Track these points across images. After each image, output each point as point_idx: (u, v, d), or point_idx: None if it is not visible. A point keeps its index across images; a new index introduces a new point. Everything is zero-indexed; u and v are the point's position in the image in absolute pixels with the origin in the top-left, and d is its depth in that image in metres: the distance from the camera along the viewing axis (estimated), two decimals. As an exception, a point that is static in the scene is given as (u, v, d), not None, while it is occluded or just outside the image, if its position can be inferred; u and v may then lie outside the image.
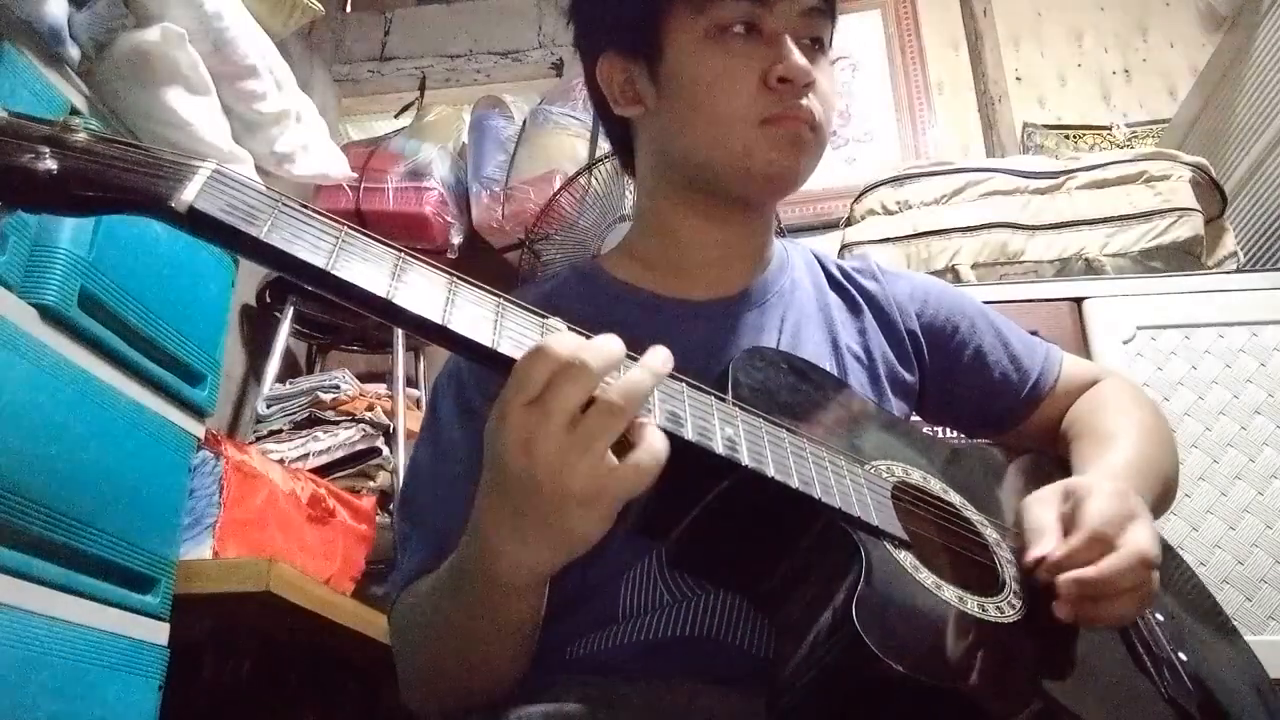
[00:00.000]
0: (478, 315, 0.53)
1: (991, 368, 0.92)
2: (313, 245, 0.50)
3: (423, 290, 0.52)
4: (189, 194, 0.47)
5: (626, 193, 2.11)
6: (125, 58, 1.46)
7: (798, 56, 0.79)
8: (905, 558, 0.63)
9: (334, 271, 0.50)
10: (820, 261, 0.95)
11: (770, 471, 0.59)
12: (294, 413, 1.98)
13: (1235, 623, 1.22)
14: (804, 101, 0.79)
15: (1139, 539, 0.65)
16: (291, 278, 0.50)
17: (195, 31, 1.55)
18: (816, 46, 0.83)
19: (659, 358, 0.56)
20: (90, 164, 0.46)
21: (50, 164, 0.45)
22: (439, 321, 0.52)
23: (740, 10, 0.79)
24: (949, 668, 0.57)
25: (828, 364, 0.83)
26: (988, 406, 0.93)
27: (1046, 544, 0.66)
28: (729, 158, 0.80)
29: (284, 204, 0.50)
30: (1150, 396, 0.97)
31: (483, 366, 0.54)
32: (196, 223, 0.48)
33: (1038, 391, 0.93)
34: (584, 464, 0.52)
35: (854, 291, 0.92)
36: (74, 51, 1.39)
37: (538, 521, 0.55)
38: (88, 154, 0.47)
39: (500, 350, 0.53)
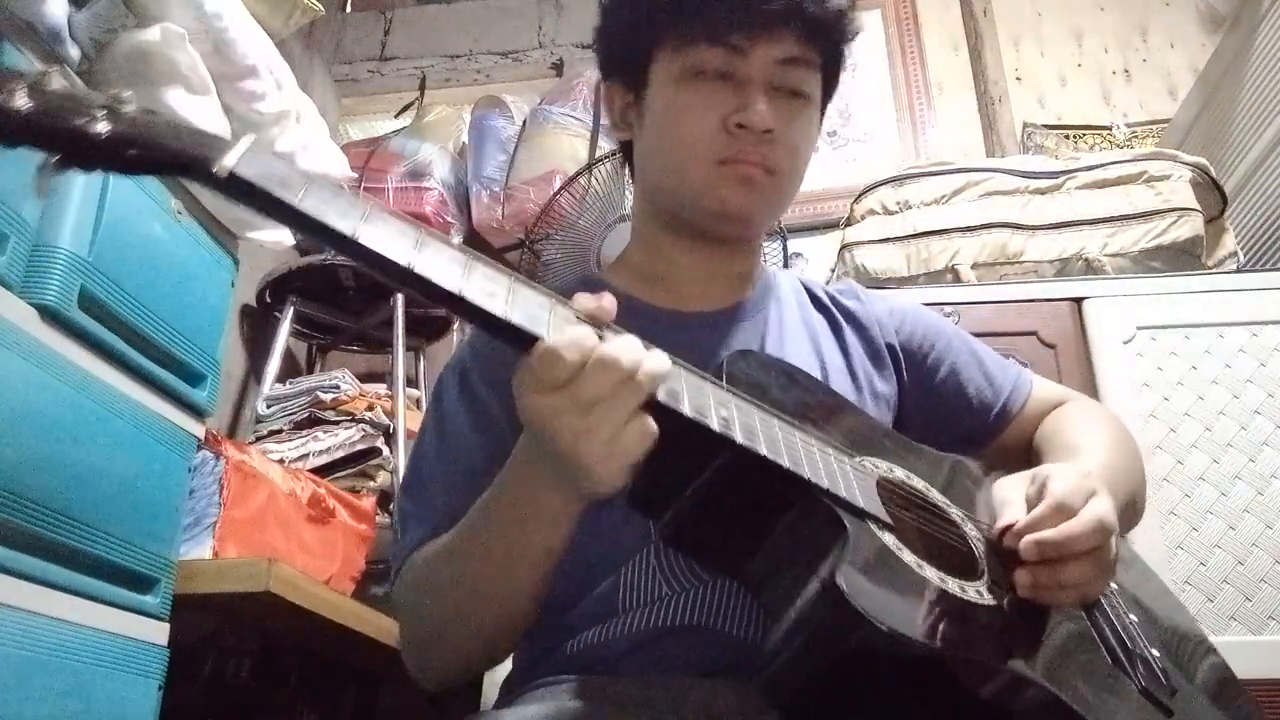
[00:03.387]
0: (491, 287, 0.56)
1: (965, 385, 0.96)
2: (341, 213, 0.53)
3: (441, 262, 0.55)
4: (230, 159, 0.51)
5: (626, 193, 2.11)
6: (125, 58, 1.46)
7: (759, 106, 0.82)
8: (889, 538, 0.65)
9: (359, 239, 0.53)
10: (807, 287, 1.00)
11: (762, 449, 0.61)
12: (294, 413, 1.98)
13: (1234, 622, 1.22)
14: (761, 147, 0.83)
15: (1098, 507, 0.68)
16: (321, 241, 0.54)
17: (195, 31, 1.54)
18: (796, 96, 0.85)
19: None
20: (139, 130, 0.50)
21: (104, 126, 0.49)
22: (455, 290, 0.54)
23: (714, 57, 0.83)
24: (931, 631, 0.59)
25: (813, 374, 0.86)
26: (961, 423, 0.96)
27: (1013, 513, 0.69)
28: (688, 191, 0.86)
29: (314, 178, 0.54)
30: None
31: (492, 335, 0.57)
32: (235, 187, 0.51)
33: (1008, 410, 0.96)
34: (599, 438, 0.56)
35: (836, 311, 0.97)
36: (74, 51, 1.39)
37: (562, 475, 0.61)
38: (137, 121, 0.51)
39: (512, 320, 0.55)
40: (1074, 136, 2.53)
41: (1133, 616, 0.78)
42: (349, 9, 3.13)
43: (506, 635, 0.75)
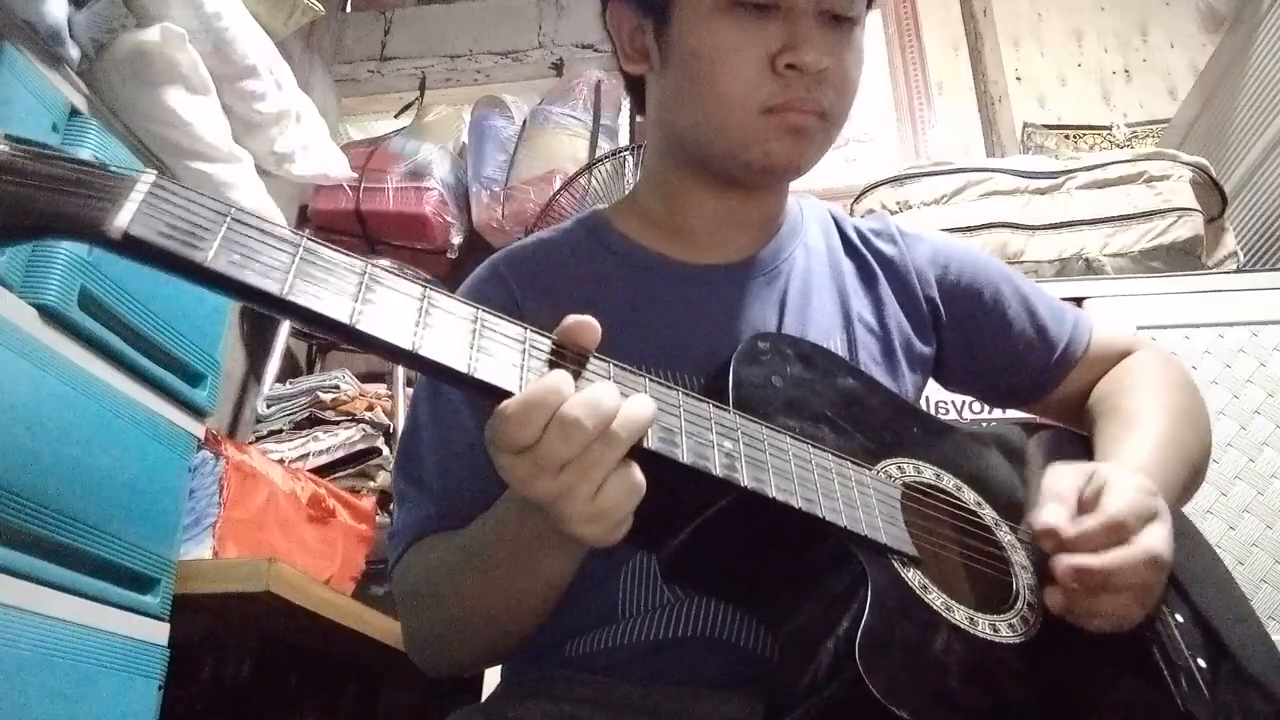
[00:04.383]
0: (454, 335, 0.49)
1: (1015, 338, 0.88)
2: (265, 267, 0.44)
3: (390, 311, 0.48)
4: (123, 218, 0.42)
5: (626, 192, 2.11)
6: (125, 58, 1.46)
7: (814, 42, 0.72)
8: (914, 576, 0.60)
9: (289, 298, 0.45)
10: (838, 223, 0.91)
11: (771, 492, 0.56)
12: (294, 413, 1.98)
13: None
14: (814, 91, 0.73)
15: (1155, 538, 0.62)
16: (244, 302, 0.46)
17: (195, 31, 1.55)
18: (844, 22, 0.75)
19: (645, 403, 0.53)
20: (10, 186, 0.40)
21: None
22: (407, 347, 0.47)
23: None
24: (956, 709, 0.55)
25: (838, 336, 0.81)
26: (1011, 376, 0.89)
27: (1058, 515, 0.62)
28: (726, 143, 0.76)
29: (234, 217, 0.45)
30: (1184, 368, 0.93)
31: (458, 388, 0.52)
32: (134, 249, 0.42)
33: (1064, 363, 0.88)
34: (580, 497, 0.51)
35: (870, 256, 0.88)
36: (74, 51, 1.39)
37: (553, 528, 0.55)
38: (10, 173, 0.41)
39: (477, 376, 0.49)
40: (1074, 136, 2.52)
41: (1178, 616, 0.71)
42: (349, 9, 3.13)
43: (509, 647, 0.73)
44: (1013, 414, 0.99)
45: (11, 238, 0.42)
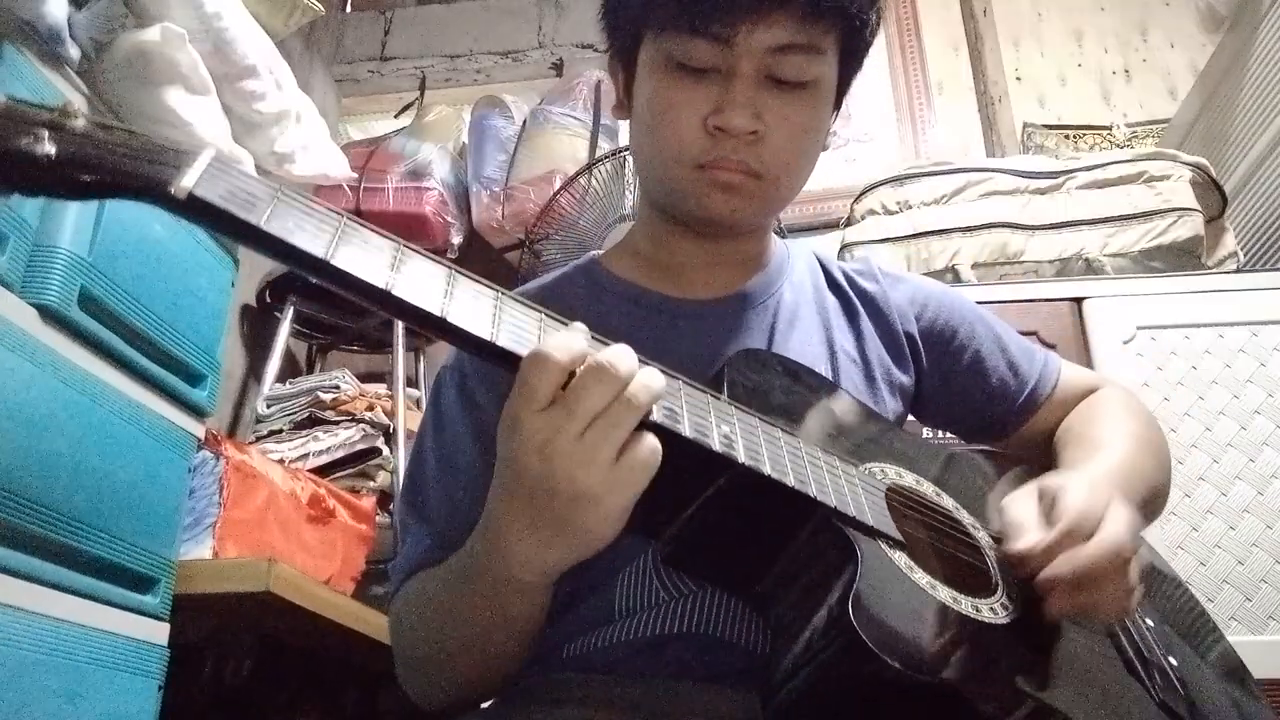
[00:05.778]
0: (476, 307, 0.53)
1: (989, 374, 0.92)
2: (312, 234, 0.49)
3: (421, 281, 0.52)
4: (189, 180, 0.47)
5: (626, 193, 2.11)
6: (125, 58, 1.46)
7: (738, 106, 0.75)
8: (900, 558, 0.63)
9: (332, 261, 0.49)
10: (822, 264, 0.95)
11: (766, 469, 0.59)
12: (294, 413, 1.98)
13: (1234, 622, 1.22)
14: (741, 153, 0.77)
15: (1113, 527, 0.65)
16: (291, 266, 0.50)
17: (195, 31, 1.54)
18: (796, 86, 0.77)
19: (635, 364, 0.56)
20: (90, 149, 0.46)
21: (49, 148, 0.45)
22: (436, 313, 0.51)
23: (696, 49, 0.75)
24: (944, 665, 0.57)
25: (822, 366, 0.83)
26: (984, 412, 0.93)
27: (1029, 538, 0.66)
28: (669, 193, 0.83)
29: (283, 193, 0.50)
30: (1148, 404, 0.97)
31: (481, 359, 0.55)
32: (196, 209, 0.47)
33: (1034, 399, 0.93)
34: (600, 463, 0.53)
35: (853, 294, 0.92)
36: (74, 51, 1.39)
37: (554, 523, 0.56)
38: (88, 139, 0.46)
39: (498, 343, 0.53)
40: (1074, 136, 2.53)
41: (1149, 621, 0.75)
42: (349, 9, 3.13)
43: (493, 680, 0.74)
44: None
45: (89, 194, 0.47)
